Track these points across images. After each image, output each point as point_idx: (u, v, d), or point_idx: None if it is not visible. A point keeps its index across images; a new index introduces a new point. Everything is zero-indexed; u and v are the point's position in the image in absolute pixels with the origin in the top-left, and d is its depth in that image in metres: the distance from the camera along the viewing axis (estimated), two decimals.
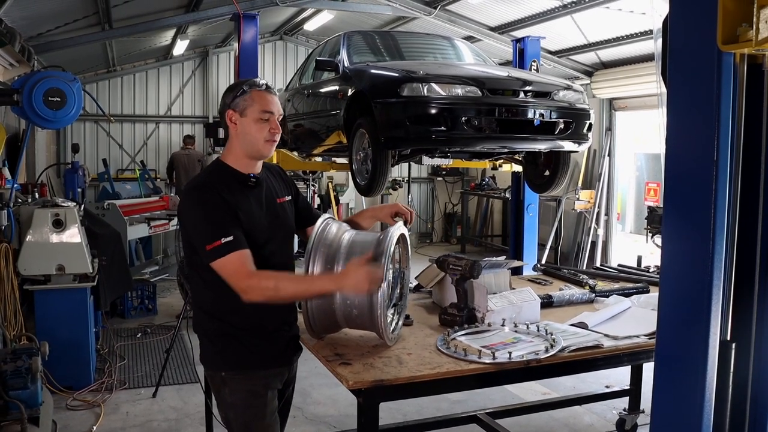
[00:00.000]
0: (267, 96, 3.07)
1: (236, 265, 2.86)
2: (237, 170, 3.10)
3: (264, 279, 2.89)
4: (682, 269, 2.01)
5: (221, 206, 2.93)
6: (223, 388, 3.09)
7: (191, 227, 3.00)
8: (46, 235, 6.21)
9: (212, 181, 3.03)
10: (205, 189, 3.00)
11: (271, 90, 3.11)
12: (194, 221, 2.98)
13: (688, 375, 1.98)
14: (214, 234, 2.87)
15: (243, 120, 3.06)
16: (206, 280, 3.03)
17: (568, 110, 5.72)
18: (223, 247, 2.85)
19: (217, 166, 3.16)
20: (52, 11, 8.82)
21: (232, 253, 2.85)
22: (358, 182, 6.25)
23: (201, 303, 3.15)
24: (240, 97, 3.06)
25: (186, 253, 3.16)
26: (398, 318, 3.41)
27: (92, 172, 13.65)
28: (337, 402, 6.14)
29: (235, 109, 3.06)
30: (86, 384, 6.37)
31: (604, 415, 5.95)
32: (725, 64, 1.85)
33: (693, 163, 1.94)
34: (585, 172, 12.33)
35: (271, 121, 3.06)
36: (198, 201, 2.98)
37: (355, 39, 7.33)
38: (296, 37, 15.85)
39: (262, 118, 3.04)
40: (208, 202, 2.94)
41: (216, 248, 2.85)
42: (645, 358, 3.50)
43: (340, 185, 14.35)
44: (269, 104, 3.06)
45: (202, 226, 2.93)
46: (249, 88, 3.07)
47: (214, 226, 2.89)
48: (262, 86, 3.08)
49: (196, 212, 2.97)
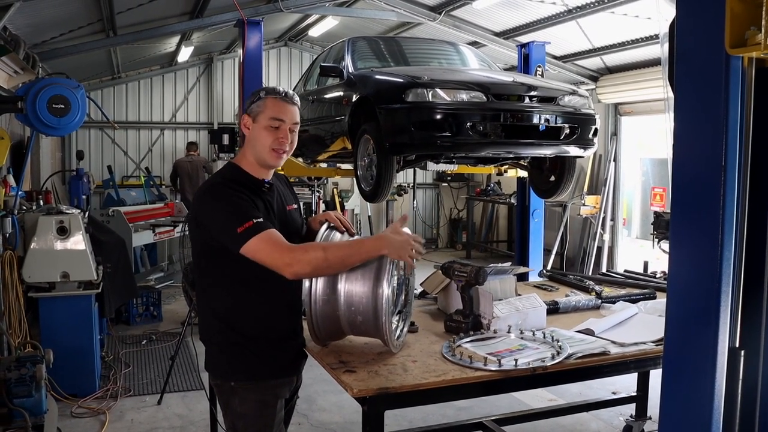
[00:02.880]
0: (280, 104, 3.03)
1: (273, 242, 2.82)
2: (251, 174, 3.07)
3: (310, 249, 2.87)
4: (690, 275, 1.99)
5: (242, 197, 2.90)
6: (232, 397, 3.04)
7: (215, 220, 2.92)
8: (51, 243, 6.21)
9: (227, 181, 3.00)
10: (222, 186, 2.97)
11: (288, 99, 3.05)
12: (218, 212, 2.91)
13: (697, 382, 1.95)
14: (242, 217, 2.82)
15: (255, 126, 3.04)
16: (218, 288, 3.01)
17: (573, 115, 5.70)
18: (255, 226, 2.80)
19: (231, 169, 3.12)
20: (56, 18, 8.83)
21: (264, 232, 2.81)
22: (363, 188, 6.23)
23: (211, 311, 3.09)
24: (255, 103, 3.04)
25: (196, 262, 3.11)
26: (403, 325, 3.38)
27: (97, 179, 13.69)
28: (342, 409, 6.12)
29: (250, 113, 3.05)
30: (91, 391, 6.35)
31: (611, 421, 5.92)
32: (733, 68, 1.82)
33: (701, 168, 1.92)
34: (591, 178, 12.30)
35: (281, 130, 3.02)
36: (218, 194, 2.94)
37: (359, 45, 7.33)
38: (301, 43, 15.88)
39: (272, 125, 3.01)
40: (228, 195, 2.90)
41: (248, 228, 2.79)
42: (652, 365, 3.48)
43: (345, 191, 14.35)
44: (281, 112, 3.02)
45: (229, 213, 2.86)
46: (266, 94, 3.04)
47: (241, 211, 2.85)
48: (279, 94, 3.04)
49: (218, 205, 2.91)
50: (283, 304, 3.08)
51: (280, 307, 3.08)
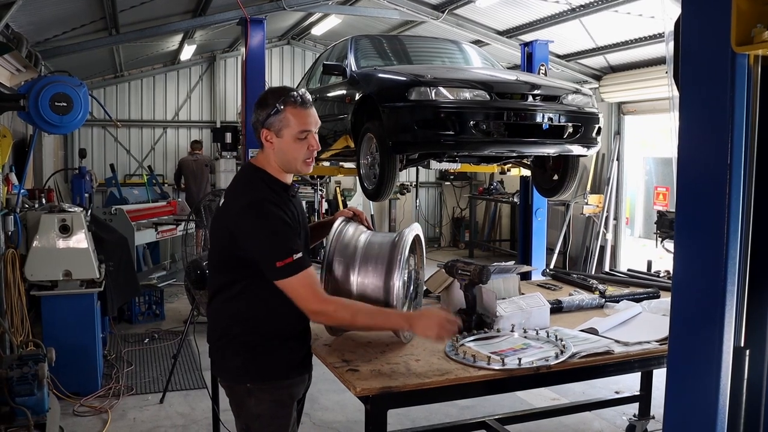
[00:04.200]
0: (303, 112, 2.91)
1: (309, 287, 2.81)
2: (280, 180, 3.01)
3: (341, 308, 2.88)
4: (694, 274, 1.98)
5: (287, 221, 2.86)
6: (247, 399, 3.00)
7: (255, 244, 2.85)
8: (53, 241, 6.21)
9: (268, 195, 2.90)
10: (265, 202, 2.86)
11: (306, 103, 2.94)
12: (260, 238, 2.83)
13: (701, 382, 1.94)
14: (285, 250, 2.78)
15: (279, 140, 2.92)
16: (237, 290, 2.97)
17: (576, 114, 5.69)
18: (295, 264, 2.77)
19: (262, 175, 3.00)
20: (58, 16, 8.82)
21: (303, 271, 2.79)
22: (366, 187, 6.22)
23: (229, 314, 3.03)
24: (275, 117, 2.90)
25: (216, 264, 3.08)
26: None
27: (99, 178, 13.66)
28: (345, 408, 6.11)
29: (270, 128, 2.92)
30: (93, 390, 6.35)
31: (614, 420, 5.91)
32: (739, 66, 1.81)
33: (706, 167, 1.91)
34: (594, 177, 12.29)
35: (310, 139, 2.94)
36: (262, 216, 2.83)
37: (362, 43, 7.32)
38: (303, 41, 15.86)
39: (300, 137, 2.92)
40: (274, 217, 2.83)
41: (288, 265, 2.76)
42: (656, 365, 3.47)
43: (347, 190, 14.35)
44: (307, 123, 2.92)
45: (272, 243, 2.80)
46: (283, 106, 2.89)
47: (285, 242, 2.80)
48: (297, 101, 2.91)
49: (262, 229, 2.83)
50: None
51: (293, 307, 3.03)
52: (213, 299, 3.10)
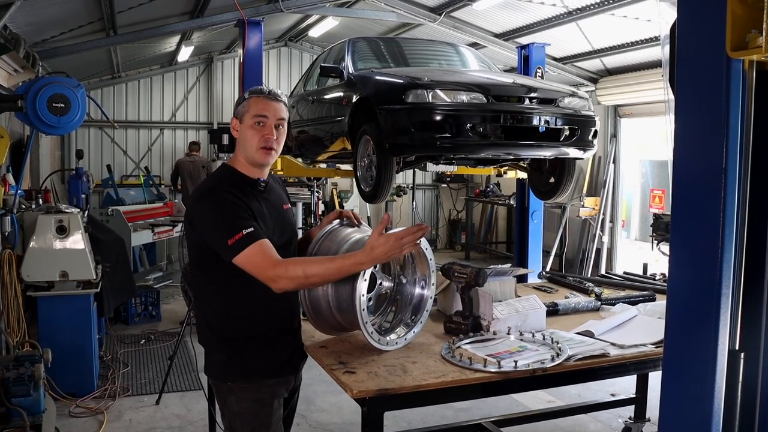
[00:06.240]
0: (263, 101, 3.05)
1: (261, 256, 2.83)
2: (246, 175, 3.09)
3: (291, 266, 2.85)
4: (690, 277, 1.99)
5: (236, 203, 2.91)
6: (229, 396, 3.07)
7: (208, 229, 2.96)
8: (50, 242, 6.21)
9: (223, 183, 3.01)
10: (217, 190, 2.97)
11: (272, 96, 3.07)
12: (211, 221, 2.94)
13: (696, 385, 1.95)
14: (233, 228, 2.83)
15: (241, 126, 3.07)
16: (214, 287, 3.04)
17: (573, 117, 5.70)
18: (245, 238, 2.81)
19: (226, 170, 3.14)
20: (56, 17, 8.83)
21: (255, 243, 2.82)
22: (363, 189, 6.23)
23: (207, 312, 3.12)
24: (241, 104, 3.09)
25: (192, 262, 3.14)
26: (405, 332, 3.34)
27: (96, 178, 13.67)
28: (341, 409, 6.11)
29: (237, 116, 3.10)
30: (89, 391, 6.35)
31: (610, 423, 5.92)
32: (734, 71, 1.82)
33: (701, 170, 1.91)
34: (590, 179, 12.30)
35: (266, 127, 3.04)
36: (212, 201, 2.95)
37: (359, 45, 7.31)
38: (301, 43, 15.87)
39: (256, 122, 3.03)
40: (222, 201, 2.91)
41: (238, 241, 2.81)
42: (652, 367, 3.48)
43: (344, 192, 14.34)
44: (263, 109, 3.04)
45: (220, 224, 2.88)
46: (250, 94, 3.08)
47: (233, 220, 2.86)
48: (263, 92, 3.07)
49: (212, 212, 2.93)
50: (278, 304, 3.08)
51: (276, 307, 3.08)
52: (196, 299, 3.20)
